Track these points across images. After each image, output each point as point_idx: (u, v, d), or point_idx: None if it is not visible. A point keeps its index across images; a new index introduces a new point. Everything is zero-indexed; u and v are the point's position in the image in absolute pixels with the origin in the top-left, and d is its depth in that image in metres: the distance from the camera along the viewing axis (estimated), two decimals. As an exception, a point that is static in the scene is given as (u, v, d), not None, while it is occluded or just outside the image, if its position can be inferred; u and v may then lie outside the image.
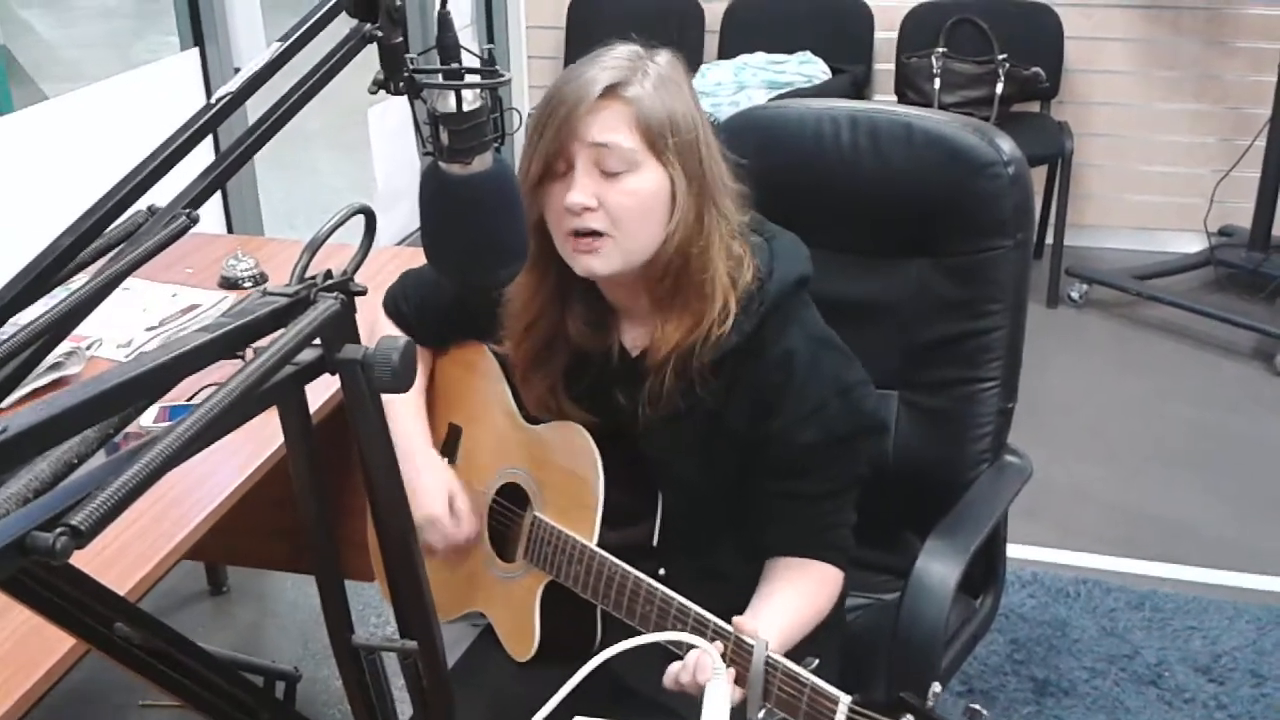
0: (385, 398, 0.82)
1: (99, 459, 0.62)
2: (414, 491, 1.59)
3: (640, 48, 1.43)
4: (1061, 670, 2.48)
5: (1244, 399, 3.60)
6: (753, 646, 1.30)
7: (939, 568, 1.55)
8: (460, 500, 1.64)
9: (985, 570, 1.81)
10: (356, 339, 0.77)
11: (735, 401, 1.48)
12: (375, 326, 1.71)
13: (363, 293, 0.79)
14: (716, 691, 1.16)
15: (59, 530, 0.52)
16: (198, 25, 3.00)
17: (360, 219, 0.87)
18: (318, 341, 0.74)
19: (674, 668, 1.36)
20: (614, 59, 1.41)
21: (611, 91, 1.38)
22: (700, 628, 1.36)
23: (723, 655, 1.32)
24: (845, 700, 1.24)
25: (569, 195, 1.38)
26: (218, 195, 3.11)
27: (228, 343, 0.67)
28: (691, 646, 1.34)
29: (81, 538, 0.53)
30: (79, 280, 0.72)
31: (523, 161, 1.43)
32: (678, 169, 1.39)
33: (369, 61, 0.91)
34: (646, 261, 1.42)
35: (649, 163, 1.39)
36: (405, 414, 1.67)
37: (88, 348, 1.94)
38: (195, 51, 3.01)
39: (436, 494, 1.61)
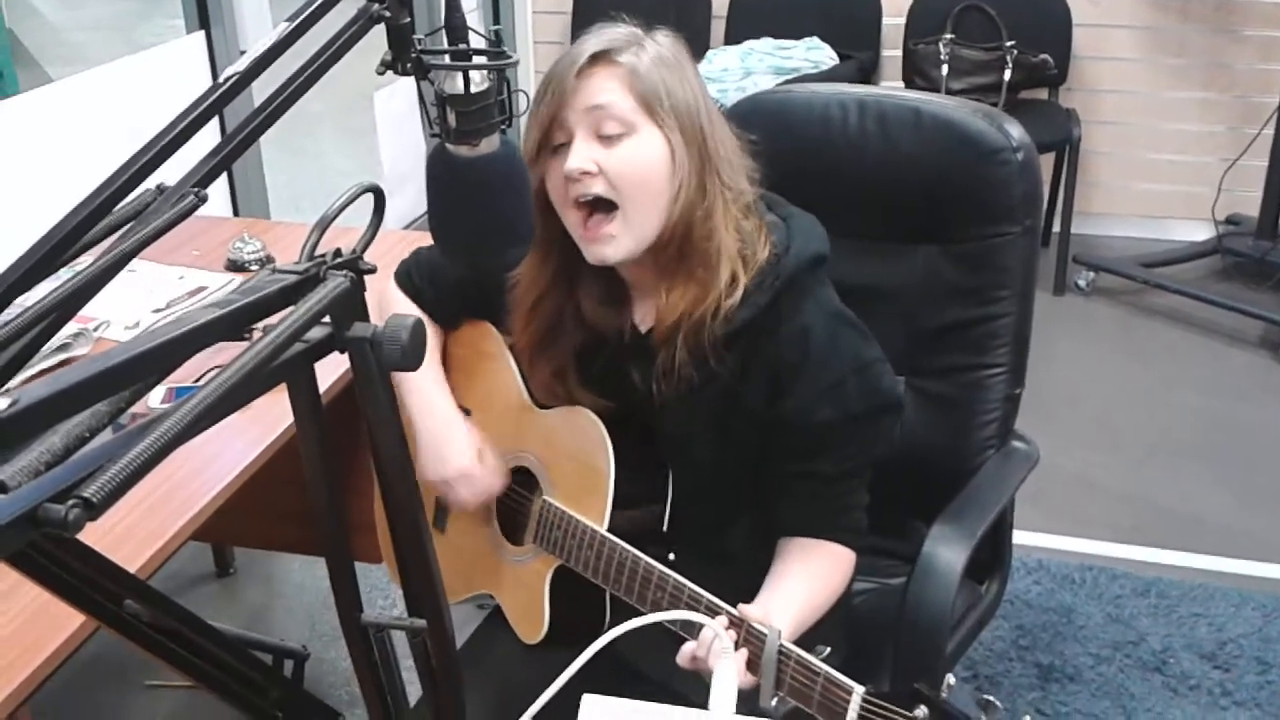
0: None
1: (107, 435, 0.62)
2: (442, 448, 1.60)
3: (639, 28, 1.43)
4: (1067, 656, 2.49)
5: (1251, 387, 3.59)
6: (764, 634, 1.30)
7: (945, 553, 1.55)
8: (489, 453, 1.63)
9: (991, 556, 1.81)
10: (366, 317, 0.77)
11: (751, 378, 1.47)
12: (385, 300, 1.71)
13: (372, 271, 0.79)
14: (724, 671, 1.16)
15: (71, 502, 0.52)
16: (204, 8, 3.00)
17: (369, 198, 0.87)
18: (327, 320, 0.74)
19: (689, 646, 1.35)
20: (611, 32, 1.41)
21: (604, 56, 1.38)
22: (711, 615, 1.36)
23: (734, 643, 1.32)
24: (859, 691, 1.23)
25: (568, 162, 1.38)
26: (224, 179, 3.11)
27: (238, 319, 0.67)
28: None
29: (94, 510, 0.53)
30: (86, 260, 0.72)
31: (524, 134, 1.43)
32: (676, 133, 1.39)
33: (375, 45, 0.91)
34: (655, 236, 1.42)
35: (646, 126, 1.38)
36: (425, 377, 1.66)
37: (95, 329, 1.95)
38: (201, 35, 3.00)
39: (465, 448, 1.60)
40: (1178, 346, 3.83)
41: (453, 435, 1.61)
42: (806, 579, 1.48)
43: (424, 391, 1.64)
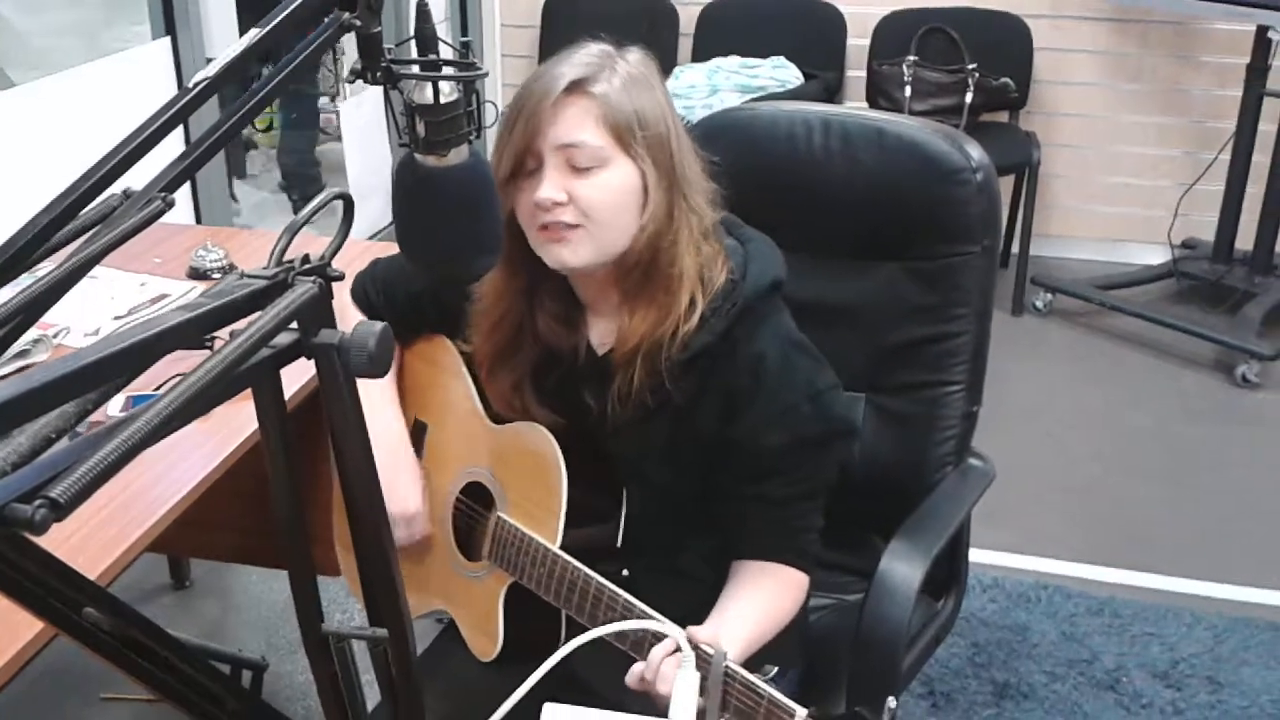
0: (363, 388, 0.82)
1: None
2: (391, 487, 1.59)
3: (611, 46, 1.43)
4: (1021, 674, 2.51)
5: (1204, 410, 3.64)
6: (711, 656, 1.30)
7: (902, 569, 1.56)
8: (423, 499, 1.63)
9: (948, 573, 1.82)
10: (333, 323, 0.77)
11: (705, 403, 1.47)
12: (342, 314, 1.70)
13: (340, 278, 0.79)
14: (684, 683, 1.16)
15: (38, 502, 0.52)
16: (170, 14, 2.98)
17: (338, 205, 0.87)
18: (294, 325, 0.74)
19: (638, 667, 1.35)
20: (584, 55, 1.41)
21: (577, 87, 1.38)
22: (659, 637, 1.35)
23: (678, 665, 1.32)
24: (801, 713, 1.24)
25: (539, 190, 1.38)
26: (187, 187, 3.09)
27: (206, 322, 0.67)
28: (654, 645, 1.34)
29: (60, 510, 0.52)
30: (48, 265, 0.71)
31: (494, 158, 1.42)
32: (648, 162, 1.39)
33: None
34: (619, 255, 1.42)
35: (619, 158, 1.39)
36: (382, 406, 1.66)
37: (54, 335, 1.93)
38: (167, 40, 2.99)
39: (414, 489, 1.61)
40: (1133, 368, 3.88)
41: (401, 472, 1.61)
42: (757, 601, 1.48)
43: (377, 418, 1.62)
